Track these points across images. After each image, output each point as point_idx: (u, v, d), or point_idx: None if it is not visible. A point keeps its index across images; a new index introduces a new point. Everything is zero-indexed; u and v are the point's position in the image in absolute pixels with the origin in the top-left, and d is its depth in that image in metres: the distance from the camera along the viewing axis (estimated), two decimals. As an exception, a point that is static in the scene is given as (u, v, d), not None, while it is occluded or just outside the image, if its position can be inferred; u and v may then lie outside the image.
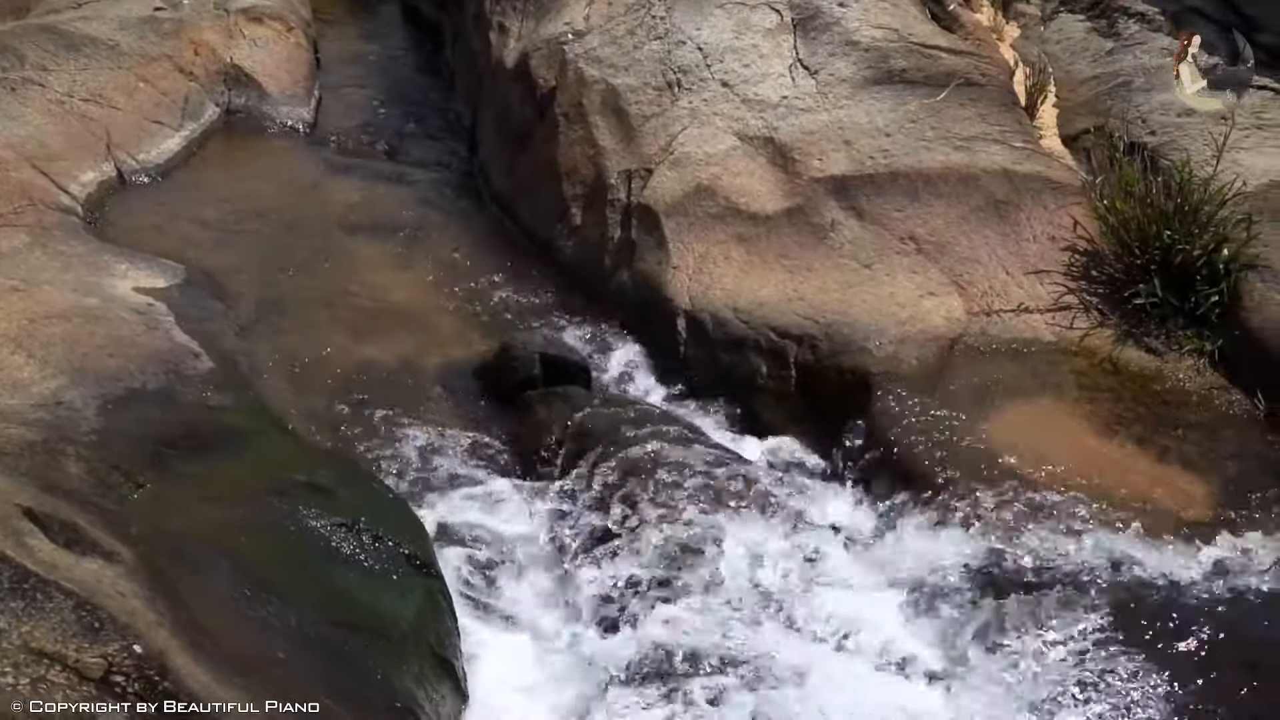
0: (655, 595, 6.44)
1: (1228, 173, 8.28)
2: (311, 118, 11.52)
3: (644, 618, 6.35)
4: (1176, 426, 7.51)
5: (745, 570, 6.59)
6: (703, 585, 6.47)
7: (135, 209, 9.64)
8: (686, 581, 6.48)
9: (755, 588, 6.51)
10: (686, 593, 6.43)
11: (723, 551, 6.64)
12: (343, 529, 5.90)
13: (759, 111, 9.30)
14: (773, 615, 6.39)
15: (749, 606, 6.41)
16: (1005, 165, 8.84)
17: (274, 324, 8.45)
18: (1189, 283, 7.98)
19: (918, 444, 7.31)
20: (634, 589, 6.49)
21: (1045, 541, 6.67)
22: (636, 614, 6.38)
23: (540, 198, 9.92)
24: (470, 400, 8.09)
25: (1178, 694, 5.91)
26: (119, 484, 5.70)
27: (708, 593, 6.44)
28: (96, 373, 6.84)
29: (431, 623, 5.76)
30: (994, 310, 8.20)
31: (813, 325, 8.06)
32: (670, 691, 6.00)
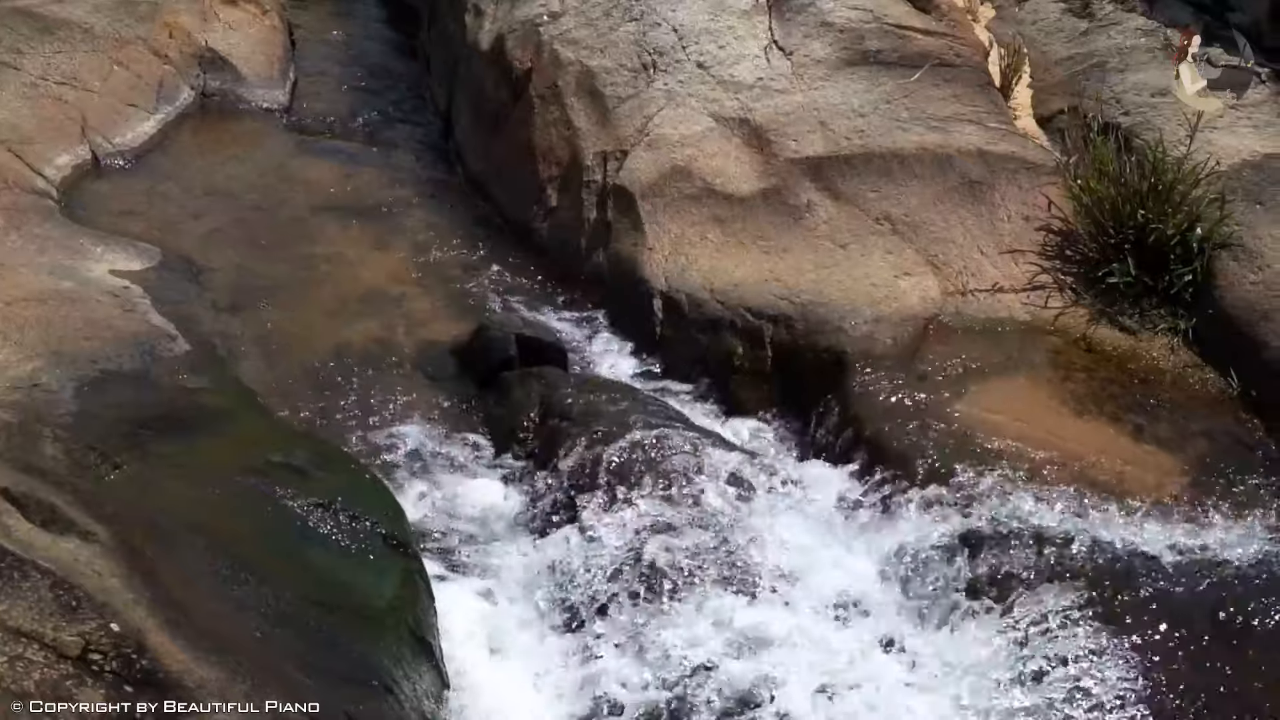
0: (631, 571, 6.47)
1: (1201, 152, 8.31)
2: (287, 100, 11.48)
3: (619, 592, 6.39)
4: (1150, 405, 7.55)
5: (720, 546, 6.61)
6: (678, 562, 6.49)
7: (110, 192, 9.61)
8: (661, 558, 6.50)
9: (731, 563, 6.53)
10: (662, 568, 6.45)
11: (698, 530, 6.66)
12: (320, 509, 5.91)
13: (734, 93, 9.31)
14: (748, 589, 6.43)
15: (725, 580, 6.44)
16: (980, 146, 8.87)
17: (250, 306, 8.43)
18: (1163, 262, 8.01)
19: (893, 423, 7.34)
20: (610, 566, 6.52)
21: (1019, 518, 6.71)
22: (612, 589, 6.42)
23: (516, 179, 9.92)
24: (447, 381, 8.10)
25: (1150, 666, 5.98)
26: (96, 464, 5.70)
27: (683, 569, 6.47)
28: (73, 355, 6.84)
29: (409, 602, 5.77)
30: (969, 290, 8.23)
31: (788, 305, 8.08)
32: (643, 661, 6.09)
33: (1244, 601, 6.24)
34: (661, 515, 6.73)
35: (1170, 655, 6.02)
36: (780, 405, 7.95)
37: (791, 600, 6.44)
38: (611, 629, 6.25)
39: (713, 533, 6.68)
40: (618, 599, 6.36)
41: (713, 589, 6.40)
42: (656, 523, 6.69)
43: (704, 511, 6.79)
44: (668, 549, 6.55)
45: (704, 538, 6.63)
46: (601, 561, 6.54)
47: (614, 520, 6.73)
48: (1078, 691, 5.94)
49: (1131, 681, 5.94)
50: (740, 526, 6.76)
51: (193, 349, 7.36)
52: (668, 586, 6.39)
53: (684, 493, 6.87)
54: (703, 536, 6.63)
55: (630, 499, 6.79)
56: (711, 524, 6.72)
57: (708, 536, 6.65)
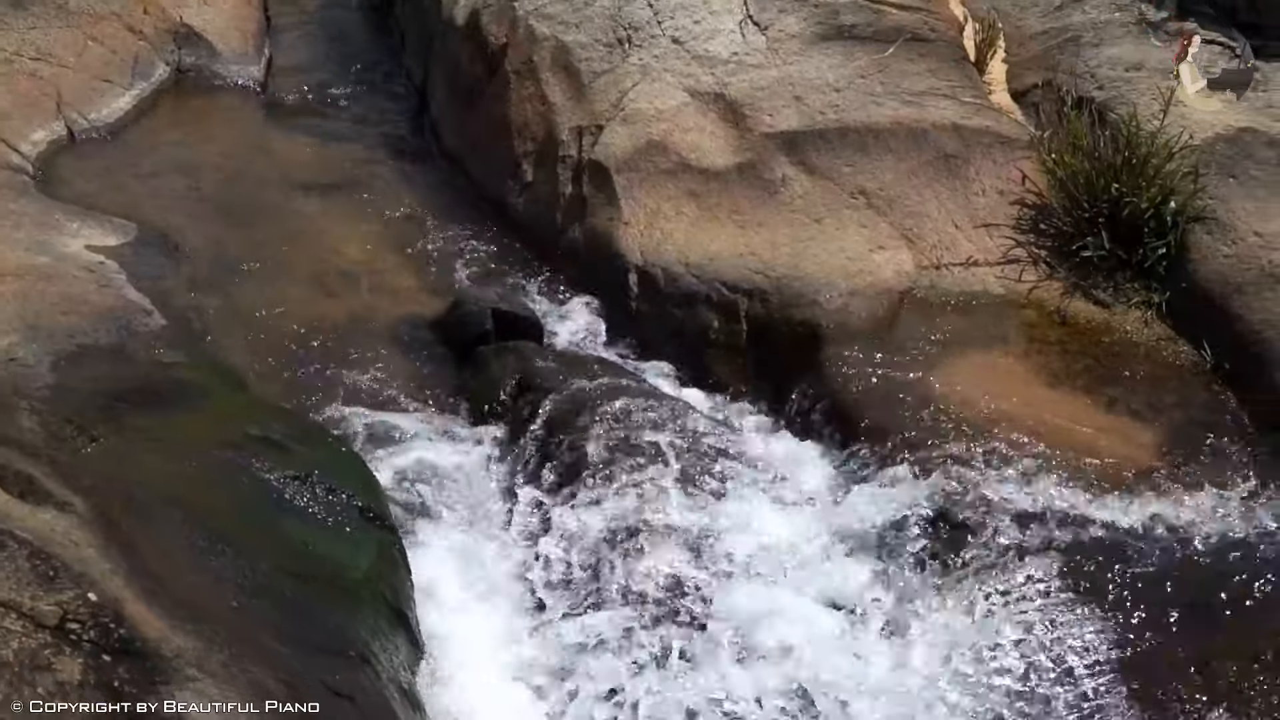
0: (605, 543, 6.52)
1: (1175, 126, 8.34)
2: (262, 76, 11.46)
3: (592, 563, 6.44)
4: (1123, 377, 7.60)
5: (694, 518, 6.65)
6: (653, 531, 6.53)
7: (86, 168, 9.60)
8: (637, 527, 6.55)
9: (704, 535, 6.57)
10: (636, 541, 6.49)
11: (672, 501, 6.69)
12: (296, 482, 5.92)
13: (710, 68, 9.31)
14: (721, 560, 6.47)
15: (697, 552, 6.48)
16: (954, 120, 8.89)
17: (226, 281, 8.44)
18: (1136, 235, 8.04)
19: (868, 395, 7.38)
20: (584, 538, 6.56)
21: (994, 490, 6.74)
22: (586, 560, 6.47)
23: (492, 155, 9.92)
24: (423, 355, 8.11)
25: (1123, 637, 6.04)
26: (72, 437, 5.71)
27: (657, 536, 6.51)
28: (49, 329, 6.85)
29: (385, 574, 5.79)
30: (943, 263, 8.26)
31: (763, 279, 8.10)
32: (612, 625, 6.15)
33: (1215, 572, 6.31)
34: (635, 488, 6.75)
35: (1142, 626, 6.07)
36: (755, 379, 7.98)
37: (763, 572, 6.47)
38: (584, 599, 6.30)
39: (686, 505, 6.70)
40: (591, 570, 6.41)
41: (685, 561, 6.43)
42: (631, 495, 6.71)
43: (677, 484, 6.81)
44: (642, 522, 6.58)
45: (677, 510, 6.66)
46: (576, 533, 6.57)
47: (588, 493, 6.76)
48: (1049, 662, 5.98)
49: (1103, 651, 6.00)
50: (713, 499, 6.79)
51: (168, 324, 7.38)
52: (641, 558, 6.43)
53: (658, 466, 6.88)
54: (676, 509, 6.66)
55: (605, 472, 6.81)
56: (685, 497, 6.75)
57: (681, 509, 6.68)
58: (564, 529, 6.61)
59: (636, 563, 6.41)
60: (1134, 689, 5.86)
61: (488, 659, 6.03)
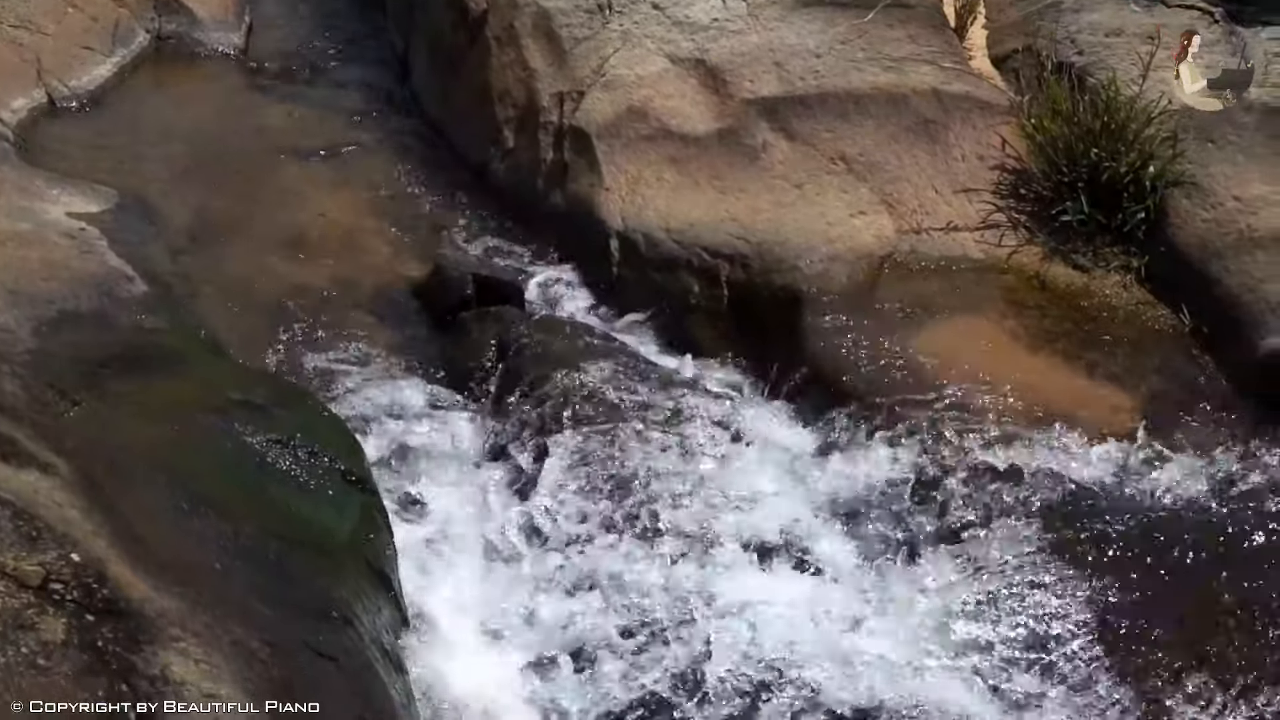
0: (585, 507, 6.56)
1: (1154, 91, 8.36)
2: (243, 43, 11.42)
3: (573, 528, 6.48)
4: (1103, 341, 7.63)
5: (676, 483, 6.67)
6: (632, 494, 6.57)
7: (67, 135, 9.60)
8: (617, 489, 6.59)
9: (684, 502, 6.60)
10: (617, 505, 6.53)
11: (653, 466, 6.72)
12: (278, 445, 5.92)
13: (690, 34, 9.31)
14: (701, 526, 6.49)
15: (679, 517, 6.50)
16: (934, 85, 8.89)
17: (207, 247, 8.45)
18: (1116, 200, 8.06)
19: (848, 360, 7.39)
20: (565, 502, 6.58)
21: (974, 454, 6.77)
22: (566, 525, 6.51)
23: (473, 122, 9.92)
24: (405, 321, 8.13)
25: (1102, 599, 6.05)
26: (54, 402, 5.70)
27: (637, 499, 6.55)
28: (31, 295, 6.84)
29: (368, 537, 5.80)
30: (923, 228, 8.28)
31: (744, 244, 8.11)
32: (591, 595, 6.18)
33: (1194, 534, 6.33)
34: (616, 453, 6.78)
35: (1121, 588, 6.09)
36: (736, 344, 7.97)
37: (746, 538, 6.49)
38: (563, 564, 6.33)
39: (667, 469, 6.73)
40: (572, 535, 6.45)
41: (667, 526, 6.45)
42: (612, 460, 6.74)
43: (659, 448, 6.84)
44: (622, 486, 6.62)
45: (658, 475, 6.68)
46: (557, 495, 6.60)
47: (569, 456, 6.78)
48: (1030, 624, 6.01)
49: (1082, 613, 6.02)
50: (695, 463, 6.82)
51: (150, 290, 7.38)
52: (622, 523, 6.46)
53: (639, 431, 6.91)
54: (657, 473, 6.69)
55: (585, 435, 6.84)
56: (666, 461, 6.78)
57: (662, 473, 6.71)
58: (544, 491, 6.63)
59: (615, 525, 6.45)
60: (1113, 650, 5.88)
61: (469, 620, 6.06)
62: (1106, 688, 5.76)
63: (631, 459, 6.76)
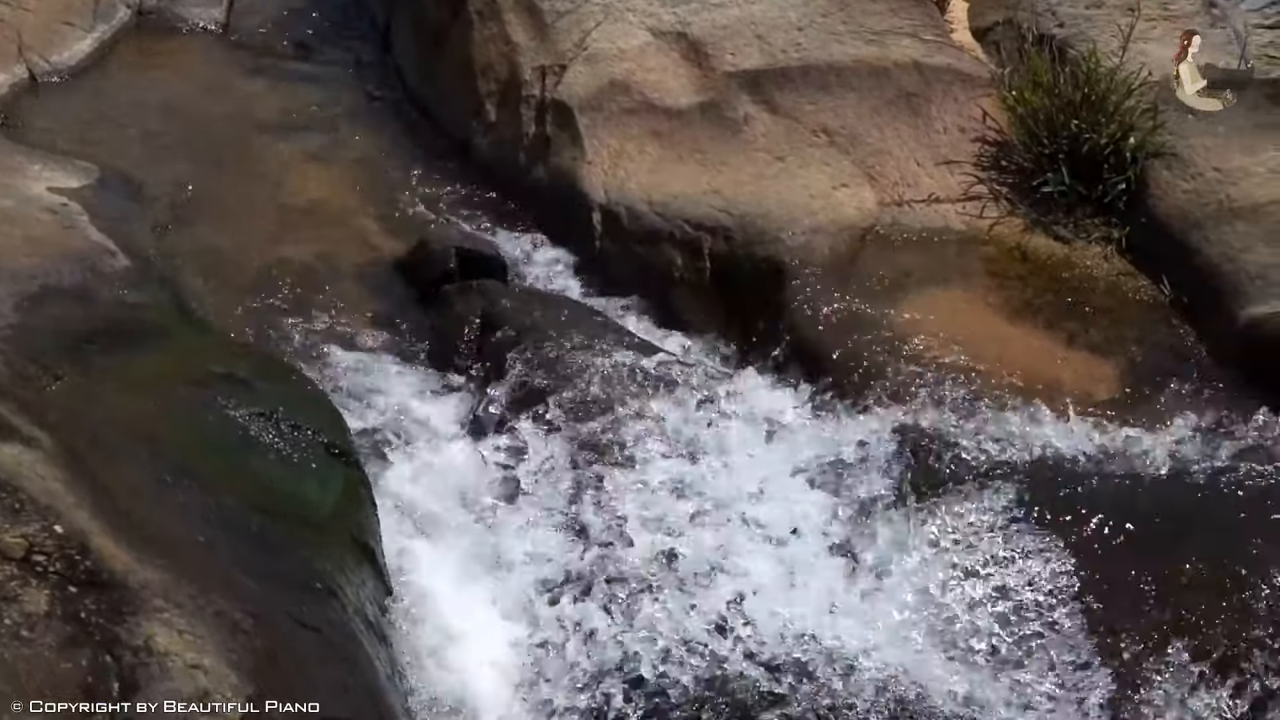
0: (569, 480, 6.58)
1: (1134, 63, 8.38)
2: (224, 18, 11.37)
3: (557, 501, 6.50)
4: (1083, 312, 7.67)
5: (659, 452, 6.70)
6: (617, 463, 6.60)
7: (48, 110, 9.57)
8: (602, 465, 6.60)
9: (668, 469, 6.63)
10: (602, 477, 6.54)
11: (638, 436, 6.74)
12: (262, 418, 5.93)
13: (671, 7, 9.29)
14: (685, 494, 6.52)
15: (662, 485, 6.53)
16: (916, 58, 8.89)
17: (190, 223, 8.43)
18: (1096, 171, 8.09)
19: (831, 331, 7.43)
20: (549, 475, 6.60)
21: (955, 424, 6.81)
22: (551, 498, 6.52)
23: (455, 96, 9.90)
24: (388, 295, 8.12)
25: (1083, 568, 6.08)
26: (37, 376, 5.70)
27: (622, 467, 6.58)
28: (12, 271, 6.83)
29: (351, 510, 5.82)
30: (905, 200, 8.30)
31: (726, 217, 8.13)
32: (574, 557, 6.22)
33: (1174, 503, 6.38)
34: (601, 426, 6.80)
35: (1102, 557, 6.13)
36: (719, 316, 8.00)
37: (729, 507, 6.51)
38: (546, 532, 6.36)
39: (651, 441, 6.76)
40: (555, 503, 6.47)
41: (650, 496, 6.49)
42: (596, 432, 6.76)
43: (643, 421, 6.85)
44: (607, 458, 6.64)
45: (643, 446, 6.71)
46: (542, 465, 6.63)
47: (554, 431, 6.81)
48: (1011, 591, 6.05)
49: (1063, 582, 6.06)
50: (679, 435, 6.84)
51: (132, 264, 7.36)
52: (607, 495, 6.48)
53: (623, 403, 6.93)
54: (641, 445, 6.71)
55: (569, 406, 6.86)
56: (650, 433, 6.80)
57: (646, 445, 6.73)
58: (529, 462, 6.66)
59: (600, 491, 6.47)
60: (1094, 619, 5.92)
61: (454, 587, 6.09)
62: (1086, 654, 5.82)
63: (615, 430, 6.78)
